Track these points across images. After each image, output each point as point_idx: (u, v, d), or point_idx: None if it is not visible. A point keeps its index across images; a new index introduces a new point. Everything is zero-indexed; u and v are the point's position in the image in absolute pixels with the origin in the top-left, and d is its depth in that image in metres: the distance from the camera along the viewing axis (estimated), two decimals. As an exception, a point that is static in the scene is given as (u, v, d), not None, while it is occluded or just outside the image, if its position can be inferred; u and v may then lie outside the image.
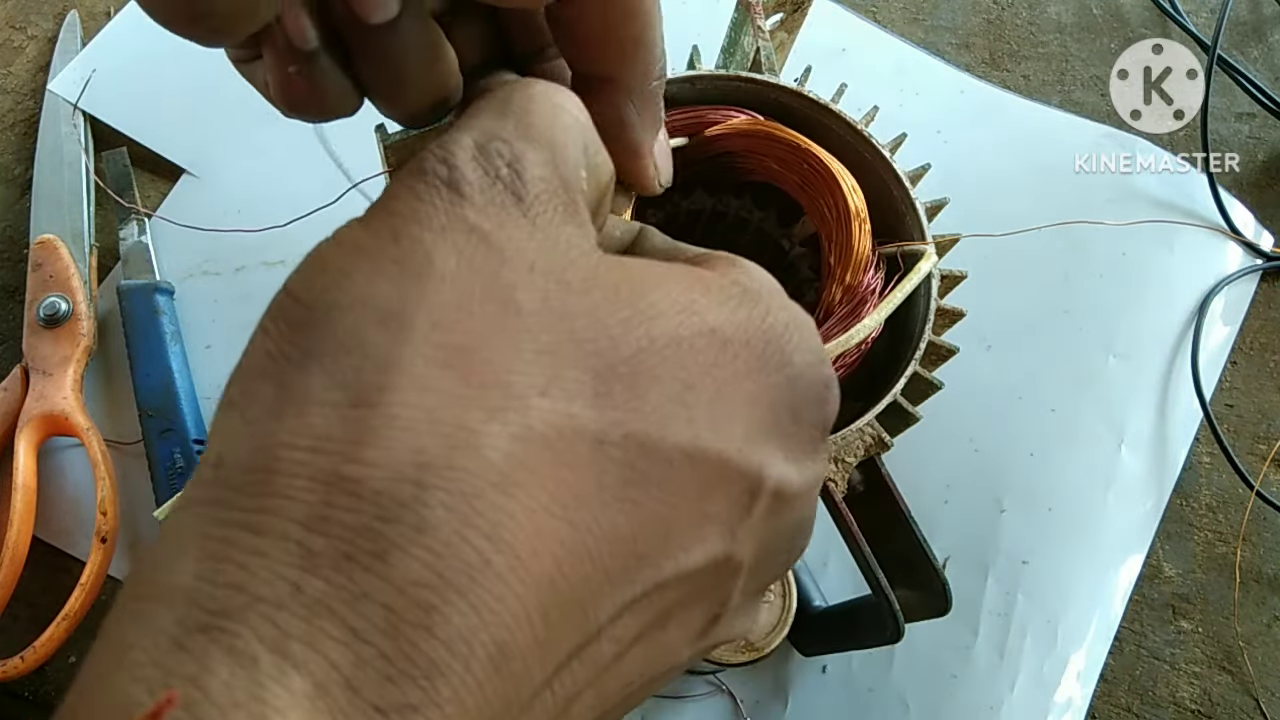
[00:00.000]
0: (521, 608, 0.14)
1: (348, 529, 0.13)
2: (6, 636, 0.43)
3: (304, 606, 0.13)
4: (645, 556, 0.16)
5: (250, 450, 0.14)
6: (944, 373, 0.32)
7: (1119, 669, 0.45)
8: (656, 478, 0.16)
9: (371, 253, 0.16)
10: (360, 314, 0.15)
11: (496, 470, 0.14)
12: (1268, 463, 0.49)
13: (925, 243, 0.32)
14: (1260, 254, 0.53)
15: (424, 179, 0.17)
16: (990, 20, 0.60)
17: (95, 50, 0.55)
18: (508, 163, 0.17)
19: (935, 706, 0.43)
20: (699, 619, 0.19)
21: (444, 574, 0.13)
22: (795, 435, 0.19)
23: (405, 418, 0.14)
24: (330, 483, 0.14)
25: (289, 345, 0.15)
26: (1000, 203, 0.52)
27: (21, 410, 0.46)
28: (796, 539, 0.21)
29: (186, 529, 0.14)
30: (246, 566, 0.13)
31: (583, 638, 0.16)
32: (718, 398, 0.17)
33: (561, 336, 0.16)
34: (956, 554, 0.46)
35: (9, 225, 0.52)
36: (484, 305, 0.16)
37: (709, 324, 0.18)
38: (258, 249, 0.50)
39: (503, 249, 0.16)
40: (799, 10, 0.38)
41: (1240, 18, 0.60)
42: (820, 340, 0.20)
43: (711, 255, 0.21)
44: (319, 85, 0.20)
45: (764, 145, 0.33)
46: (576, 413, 0.15)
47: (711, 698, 0.43)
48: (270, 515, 0.14)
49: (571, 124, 0.19)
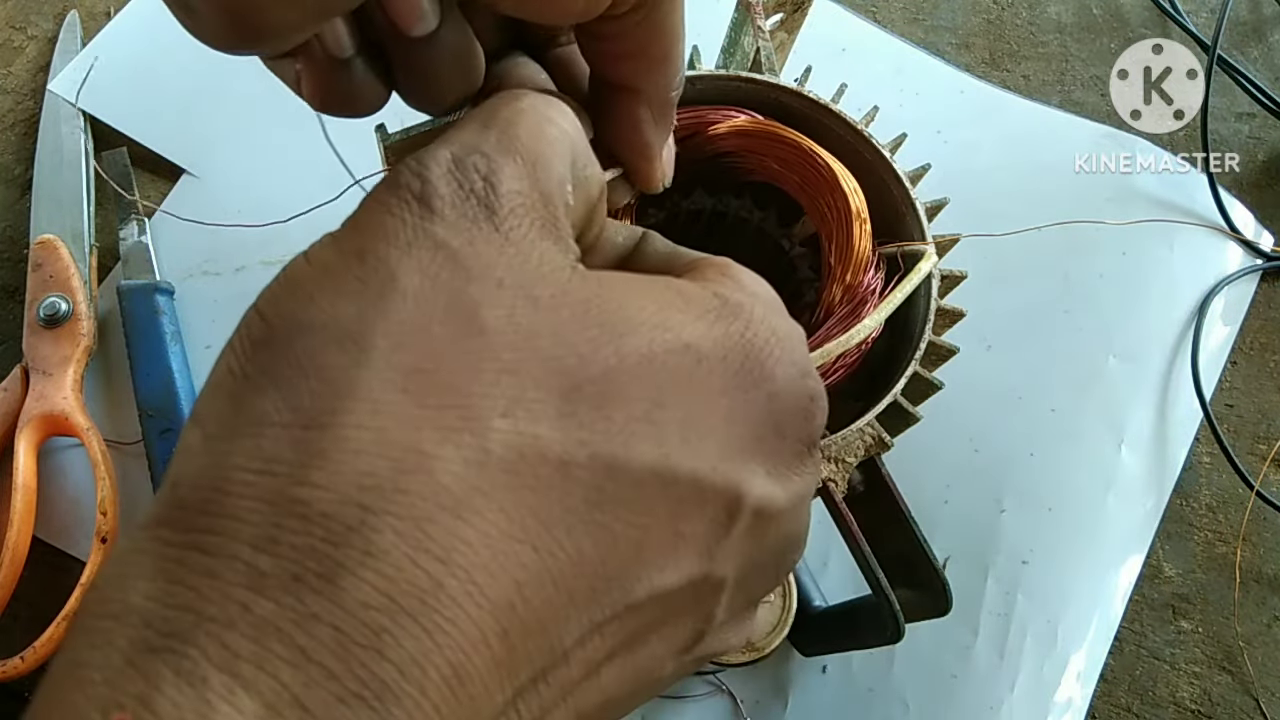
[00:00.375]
0: (477, 631, 0.14)
1: (296, 550, 0.13)
2: (6, 636, 0.43)
3: (253, 627, 0.13)
4: (614, 579, 0.16)
5: (203, 469, 0.14)
6: (944, 373, 0.32)
7: (1119, 669, 0.45)
8: (625, 499, 0.16)
9: (337, 272, 0.16)
10: (320, 336, 0.15)
11: (450, 494, 0.14)
12: (1268, 463, 0.49)
13: (925, 243, 0.32)
14: (1260, 254, 0.53)
15: (396, 193, 0.17)
16: (990, 20, 0.60)
17: (95, 50, 0.55)
18: (483, 176, 0.17)
19: (935, 706, 0.43)
20: (682, 636, 0.19)
21: (394, 597, 0.13)
22: (779, 451, 0.19)
23: (356, 440, 0.14)
24: (278, 504, 0.14)
25: (250, 364, 0.15)
26: (1000, 203, 0.52)
27: (21, 410, 0.46)
28: (785, 554, 0.21)
29: (142, 547, 0.14)
30: (197, 588, 0.13)
31: (548, 659, 0.15)
32: (691, 415, 0.17)
33: (526, 355, 0.16)
34: (956, 554, 0.46)
35: (9, 225, 0.52)
36: (446, 324, 0.15)
37: (683, 340, 0.17)
38: (258, 249, 0.50)
39: (470, 265, 0.16)
40: (799, 10, 0.38)
41: (1240, 18, 0.60)
42: (807, 352, 0.20)
43: (705, 263, 0.21)
44: (352, 88, 0.20)
45: (764, 145, 0.33)
46: (540, 433, 0.15)
47: (711, 698, 0.43)
48: (220, 536, 0.14)
49: (558, 137, 0.19)
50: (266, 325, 0.16)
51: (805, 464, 0.20)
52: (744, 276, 0.20)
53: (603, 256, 0.22)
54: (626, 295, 0.17)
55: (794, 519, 0.20)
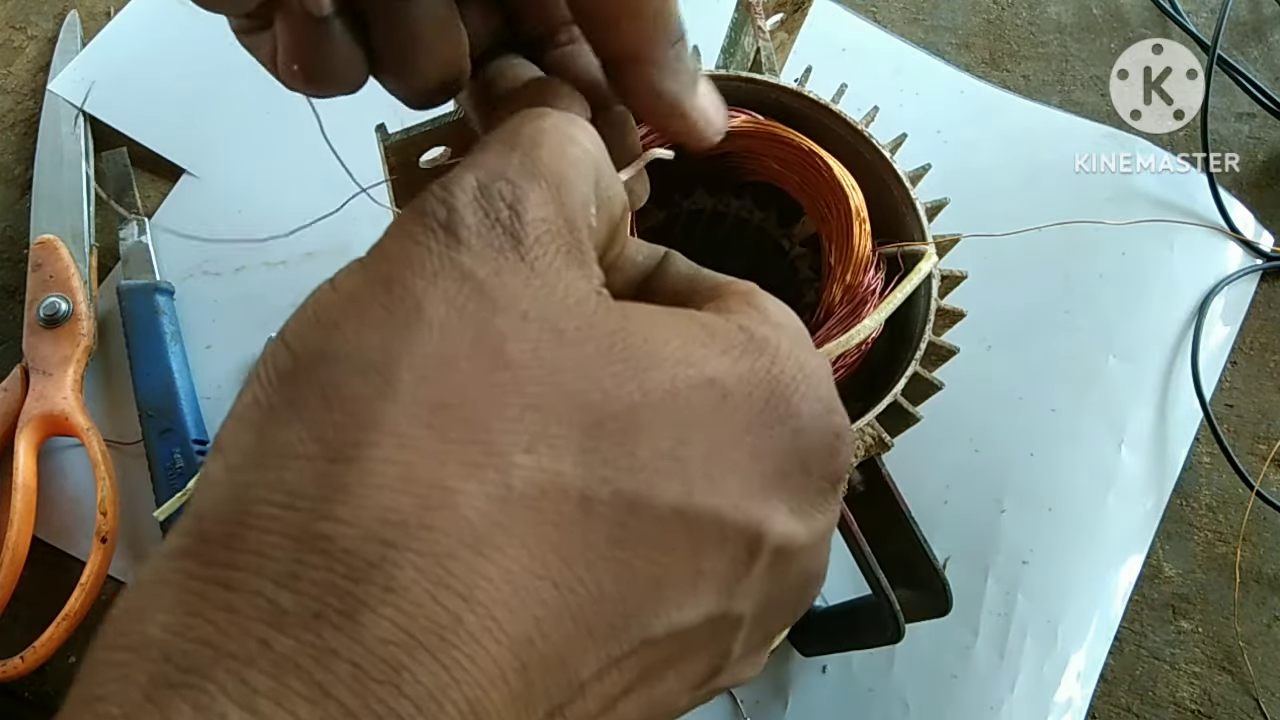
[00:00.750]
0: (496, 667, 0.14)
1: (317, 587, 0.13)
2: (6, 636, 0.43)
3: (272, 664, 0.13)
4: (633, 615, 0.16)
5: (227, 501, 0.14)
6: (944, 373, 0.32)
7: (1119, 669, 0.45)
8: (647, 536, 0.16)
9: (363, 301, 0.16)
10: (345, 366, 0.15)
11: (473, 530, 0.14)
12: (1268, 463, 0.49)
13: (925, 243, 0.32)
14: (1260, 254, 0.53)
15: (422, 220, 0.17)
16: (990, 20, 0.60)
17: (95, 50, 0.55)
18: (509, 204, 0.17)
19: (935, 706, 0.43)
20: (698, 671, 0.19)
21: (414, 633, 0.13)
22: (803, 488, 0.19)
23: (380, 474, 0.14)
24: (301, 539, 0.14)
25: (274, 394, 0.15)
26: (1000, 203, 0.52)
27: (21, 410, 0.46)
28: (804, 590, 0.21)
29: (164, 579, 0.14)
30: (216, 622, 0.13)
31: (565, 694, 0.15)
32: (714, 452, 0.17)
33: (550, 390, 0.16)
34: (956, 554, 0.46)
35: (9, 225, 0.52)
36: (472, 357, 0.15)
37: (707, 375, 0.17)
38: (259, 249, 0.49)
39: (496, 297, 0.16)
40: (799, 10, 0.38)
41: (1240, 18, 0.60)
42: (833, 387, 0.20)
43: (729, 290, 0.21)
44: (329, 54, 0.20)
45: (764, 145, 0.33)
46: (562, 470, 0.15)
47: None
48: (242, 571, 0.14)
49: (581, 157, 0.18)
50: (291, 355, 0.16)
51: (829, 501, 0.20)
52: (770, 306, 0.20)
53: (624, 276, 0.22)
54: (651, 329, 0.17)
55: (815, 556, 0.20)
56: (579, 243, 0.18)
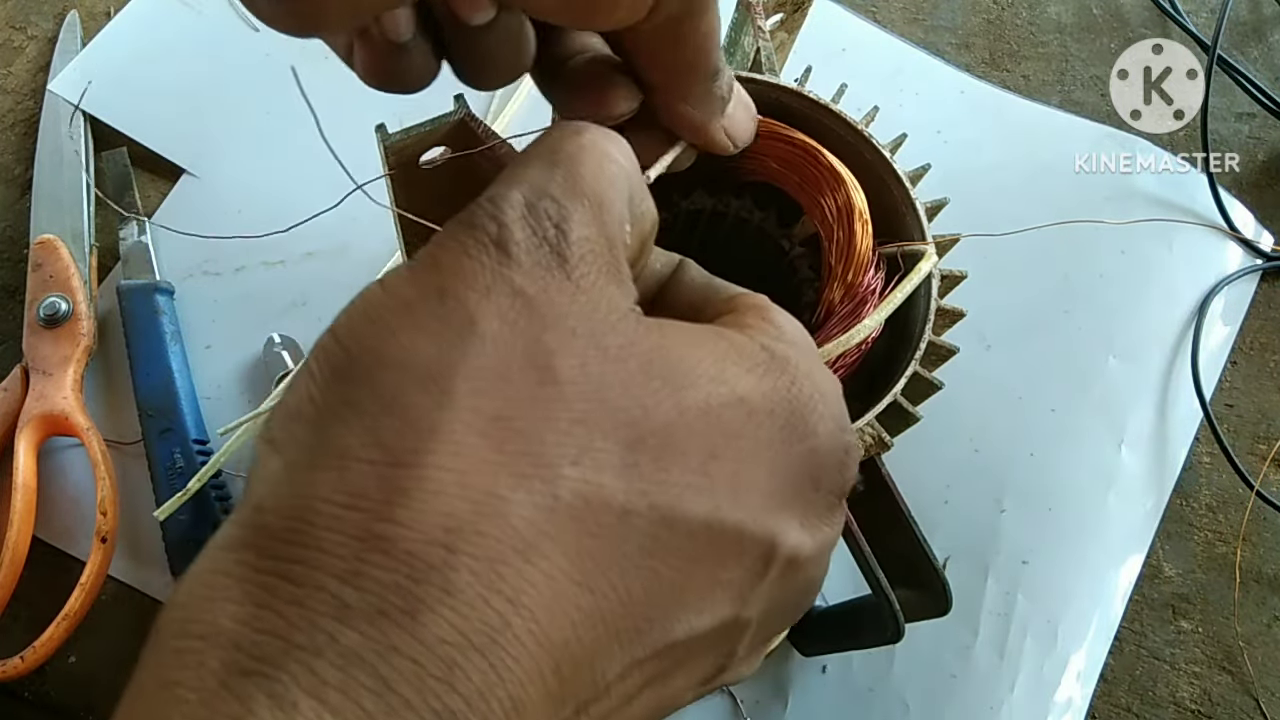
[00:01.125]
0: (536, 667, 0.15)
1: (380, 585, 0.14)
2: (6, 636, 0.43)
3: (340, 656, 0.14)
4: (656, 620, 0.17)
5: (289, 498, 0.15)
6: (944, 373, 0.32)
7: (1119, 669, 0.45)
8: (676, 547, 0.17)
9: (417, 309, 0.17)
10: (403, 374, 0.16)
11: (521, 537, 0.15)
12: (1268, 463, 0.49)
13: (925, 243, 0.32)
14: (1260, 254, 0.53)
15: (473, 234, 0.17)
16: (990, 20, 0.60)
17: (95, 50, 0.55)
18: (555, 223, 0.18)
19: (935, 706, 0.43)
20: (705, 669, 0.20)
21: (467, 634, 0.14)
22: (814, 502, 0.20)
23: (438, 481, 0.15)
24: (364, 539, 0.14)
25: (331, 394, 0.16)
26: (1000, 203, 0.52)
27: (21, 410, 0.46)
28: (807, 595, 0.22)
29: (227, 569, 0.15)
30: (285, 615, 0.14)
31: (592, 693, 0.16)
32: (740, 468, 0.18)
33: (596, 406, 0.16)
34: (956, 554, 0.46)
35: (9, 225, 0.52)
36: (524, 372, 0.16)
37: (737, 394, 0.18)
38: (258, 249, 0.49)
39: (545, 313, 0.17)
40: (799, 10, 0.38)
41: (1240, 18, 0.60)
42: (844, 405, 0.21)
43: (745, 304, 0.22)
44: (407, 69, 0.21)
45: (764, 145, 0.33)
46: (605, 483, 0.16)
47: (711, 698, 0.43)
48: (307, 567, 0.14)
49: (618, 174, 0.19)
50: (346, 355, 0.16)
51: (835, 514, 0.21)
52: (785, 323, 0.21)
53: (644, 284, 0.23)
54: (686, 347, 0.18)
55: (818, 565, 0.21)
56: (617, 260, 0.19)
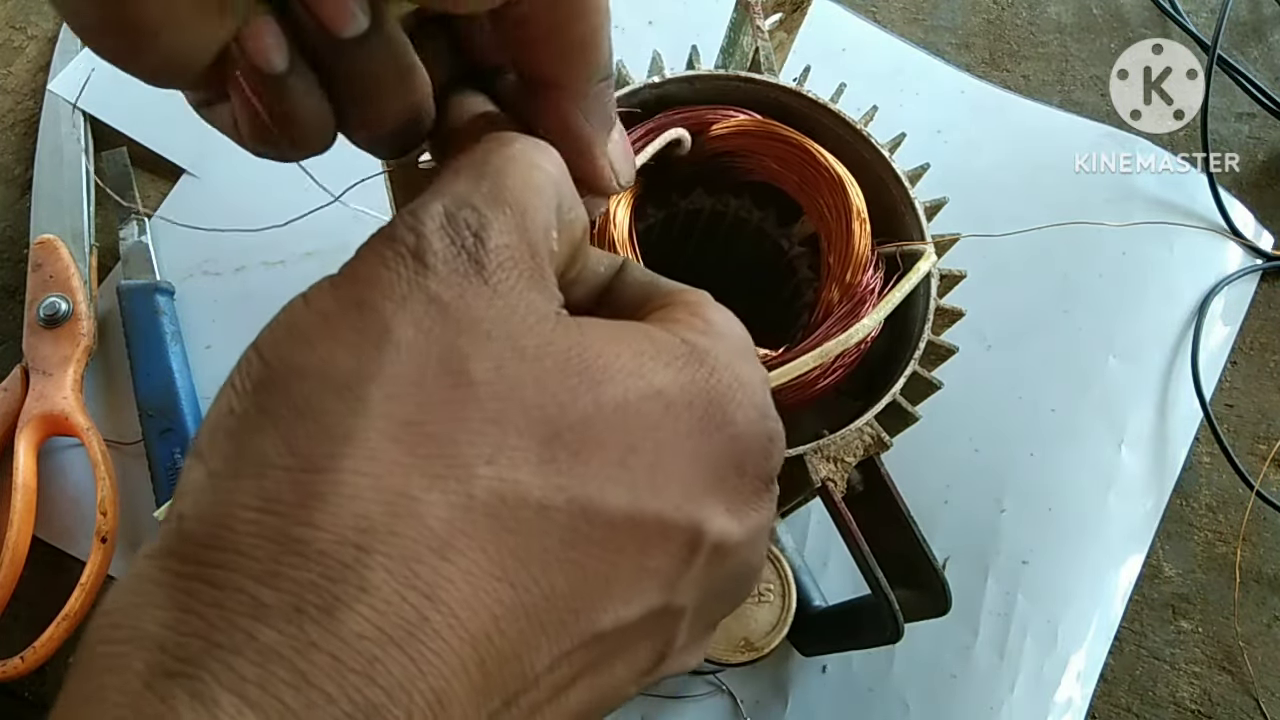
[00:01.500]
0: (458, 660, 0.15)
1: (297, 585, 0.14)
2: (6, 636, 0.43)
3: (258, 653, 0.14)
4: (582, 611, 0.17)
5: (210, 506, 0.15)
6: (944, 373, 0.32)
7: (1119, 669, 0.45)
8: (598, 539, 0.17)
9: (335, 321, 0.17)
10: (319, 383, 0.16)
11: (437, 536, 0.15)
12: (1268, 463, 0.49)
13: (924, 242, 0.32)
14: (1260, 254, 0.53)
15: (392, 246, 0.18)
16: (990, 20, 0.60)
17: (95, 50, 0.55)
18: (474, 232, 0.18)
19: (935, 706, 0.43)
20: (644, 659, 0.20)
21: (385, 629, 0.14)
22: (738, 489, 0.20)
23: (352, 485, 0.15)
24: (280, 542, 0.15)
25: (251, 405, 0.16)
26: (1000, 203, 0.52)
27: (21, 410, 0.46)
28: (742, 581, 0.22)
29: (153, 577, 0.15)
30: (205, 617, 0.14)
31: (520, 685, 0.17)
32: (659, 459, 0.18)
33: (510, 405, 0.17)
34: (956, 554, 0.46)
35: (9, 225, 0.52)
36: (438, 376, 0.17)
37: (655, 387, 0.19)
38: (258, 249, 0.49)
39: (460, 319, 0.17)
40: (798, 10, 0.38)
41: (1240, 18, 0.60)
42: (768, 395, 0.21)
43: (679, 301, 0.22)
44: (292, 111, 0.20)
45: (763, 145, 0.33)
46: (520, 479, 0.16)
47: (711, 698, 0.43)
48: (227, 570, 0.15)
49: (544, 183, 0.20)
50: (267, 367, 0.17)
51: (763, 499, 0.21)
52: (715, 317, 0.21)
53: (586, 287, 0.23)
54: (604, 343, 0.19)
55: (751, 550, 0.21)
56: (539, 266, 0.19)
